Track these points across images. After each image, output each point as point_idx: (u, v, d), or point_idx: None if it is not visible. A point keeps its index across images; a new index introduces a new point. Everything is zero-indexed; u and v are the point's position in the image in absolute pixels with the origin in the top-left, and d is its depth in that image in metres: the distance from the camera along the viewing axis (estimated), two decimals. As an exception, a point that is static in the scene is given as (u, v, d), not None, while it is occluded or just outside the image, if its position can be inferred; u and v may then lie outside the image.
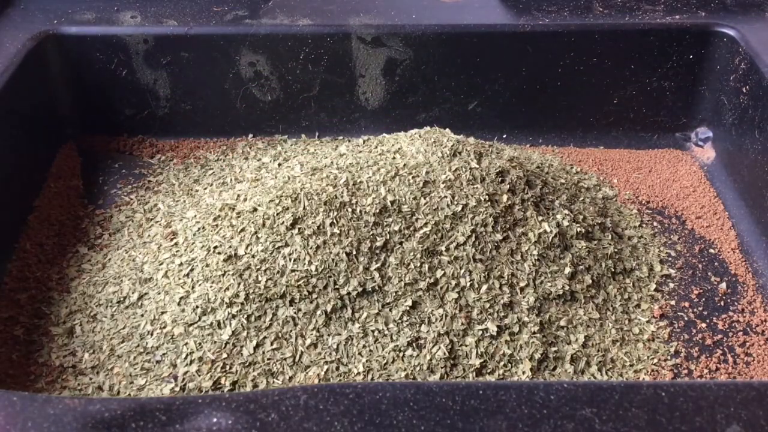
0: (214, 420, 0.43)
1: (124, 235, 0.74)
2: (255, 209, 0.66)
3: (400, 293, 0.64)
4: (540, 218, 0.69)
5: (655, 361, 0.64)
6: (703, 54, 0.84)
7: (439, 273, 0.65)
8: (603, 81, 0.86)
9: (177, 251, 0.68)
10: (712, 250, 0.76)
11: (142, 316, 0.65)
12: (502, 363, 0.62)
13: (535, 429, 0.43)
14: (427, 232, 0.65)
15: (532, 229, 0.68)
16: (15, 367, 0.61)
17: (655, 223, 0.79)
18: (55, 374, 0.60)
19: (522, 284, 0.66)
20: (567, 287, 0.67)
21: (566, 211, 0.71)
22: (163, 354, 0.61)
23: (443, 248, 0.65)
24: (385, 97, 0.87)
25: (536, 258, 0.67)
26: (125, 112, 0.87)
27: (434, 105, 0.88)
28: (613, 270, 0.71)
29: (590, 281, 0.68)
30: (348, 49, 0.83)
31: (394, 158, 0.70)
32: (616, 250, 0.72)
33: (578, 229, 0.71)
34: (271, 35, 0.83)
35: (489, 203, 0.67)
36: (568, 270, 0.68)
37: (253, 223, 0.65)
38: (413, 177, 0.67)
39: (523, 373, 0.61)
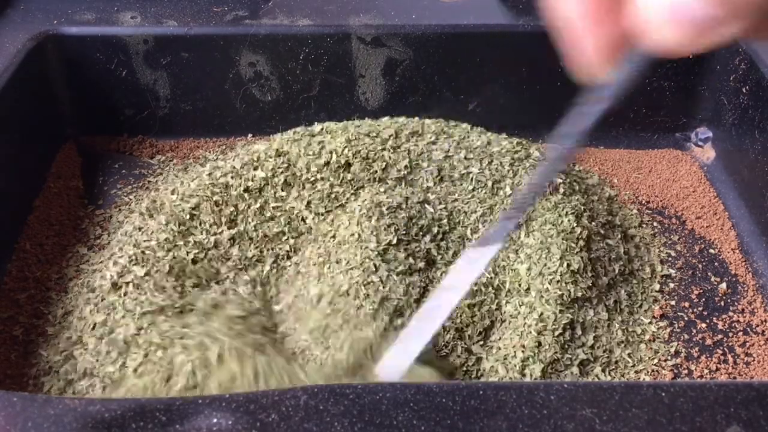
0: (214, 420, 0.43)
1: (124, 236, 0.74)
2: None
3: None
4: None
5: (656, 361, 0.64)
6: (703, 54, 0.84)
7: None
8: (603, 81, 0.86)
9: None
10: (712, 251, 0.76)
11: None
12: None
13: (536, 429, 0.43)
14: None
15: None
16: (13, 368, 0.61)
17: (655, 223, 0.79)
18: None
19: None
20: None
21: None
22: None
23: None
24: (385, 98, 0.87)
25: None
26: (125, 112, 0.87)
27: (434, 105, 0.88)
28: (623, 271, 0.70)
29: (606, 283, 0.68)
30: (348, 49, 0.83)
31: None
32: (624, 249, 0.72)
33: (594, 228, 0.71)
34: (271, 35, 0.83)
35: None
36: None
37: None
38: None
39: (533, 375, 0.61)
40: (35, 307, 0.66)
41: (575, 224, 0.69)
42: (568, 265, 0.66)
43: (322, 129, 0.75)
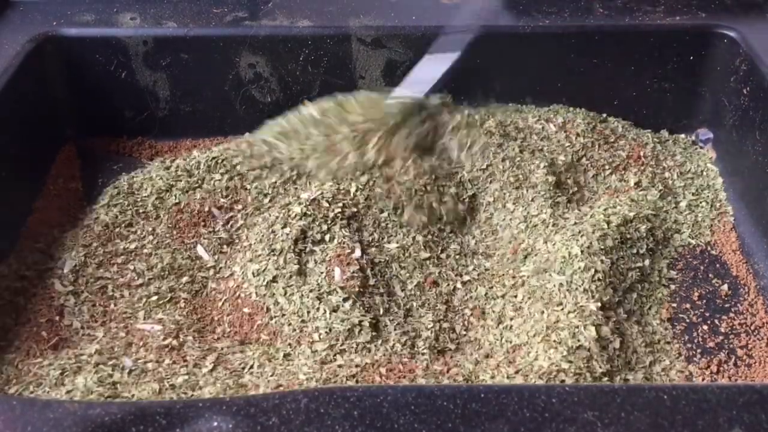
0: (215, 424, 0.43)
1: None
2: None
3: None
4: None
5: (668, 362, 0.64)
6: (704, 55, 0.83)
7: None
8: (603, 83, 0.86)
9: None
10: (713, 252, 0.76)
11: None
12: None
13: (537, 432, 0.43)
14: None
15: None
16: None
17: (655, 225, 0.79)
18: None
19: None
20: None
21: None
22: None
23: None
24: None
25: None
26: (125, 113, 0.87)
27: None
28: (639, 278, 0.70)
29: (624, 289, 0.68)
30: (348, 50, 0.83)
31: None
32: (643, 259, 0.72)
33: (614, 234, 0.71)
34: (271, 37, 0.83)
35: None
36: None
37: None
38: None
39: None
40: (35, 309, 0.66)
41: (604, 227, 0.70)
42: (595, 271, 0.66)
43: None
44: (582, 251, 0.67)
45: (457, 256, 0.72)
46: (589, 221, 0.71)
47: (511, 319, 0.66)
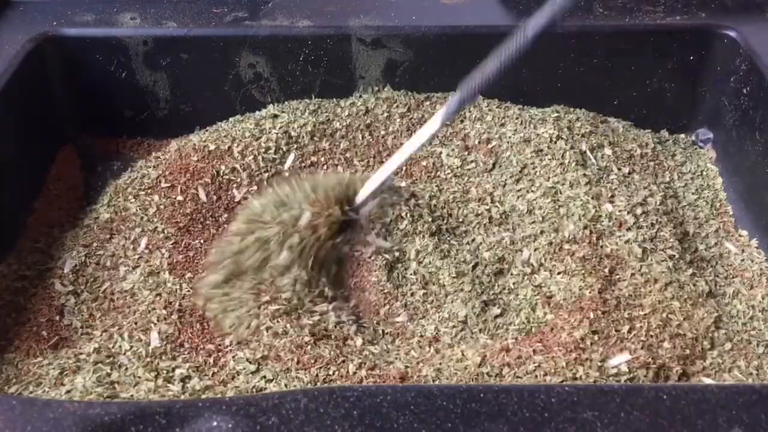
0: (215, 423, 0.43)
1: (124, 237, 0.74)
2: None
3: None
4: None
5: None
6: (704, 55, 0.83)
7: None
8: (603, 82, 0.86)
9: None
10: (712, 252, 0.76)
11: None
12: None
13: (537, 432, 0.43)
14: None
15: None
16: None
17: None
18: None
19: None
20: None
21: None
22: None
23: None
24: (385, 99, 0.87)
25: None
26: (125, 113, 0.87)
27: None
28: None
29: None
30: (348, 50, 0.83)
31: None
32: None
33: None
34: (271, 37, 0.83)
35: None
36: None
37: None
38: None
39: None
40: (34, 309, 0.66)
41: None
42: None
43: None
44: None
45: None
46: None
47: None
